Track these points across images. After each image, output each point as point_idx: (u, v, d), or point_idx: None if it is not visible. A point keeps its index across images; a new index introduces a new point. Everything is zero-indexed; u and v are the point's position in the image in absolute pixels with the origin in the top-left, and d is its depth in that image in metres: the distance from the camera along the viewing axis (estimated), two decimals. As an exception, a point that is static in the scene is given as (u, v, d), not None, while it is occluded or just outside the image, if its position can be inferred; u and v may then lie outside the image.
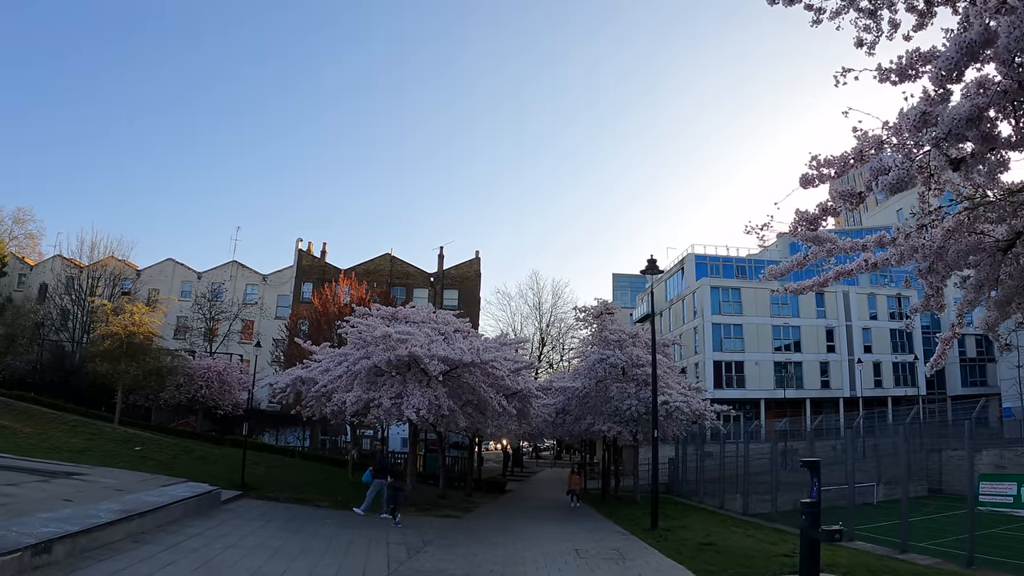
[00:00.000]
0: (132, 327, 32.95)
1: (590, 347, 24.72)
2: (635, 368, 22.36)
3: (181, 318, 51.01)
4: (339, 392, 16.80)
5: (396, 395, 15.97)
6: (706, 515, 22.61)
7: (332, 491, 21.49)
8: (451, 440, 45.82)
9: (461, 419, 16.89)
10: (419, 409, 15.25)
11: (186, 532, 11.47)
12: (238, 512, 14.69)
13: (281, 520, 14.22)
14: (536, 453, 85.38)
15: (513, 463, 54.44)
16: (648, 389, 22.11)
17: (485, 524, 16.44)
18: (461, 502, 22.69)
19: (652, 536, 14.28)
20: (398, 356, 15.60)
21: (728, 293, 56.09)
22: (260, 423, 45.89)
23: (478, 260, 54.12)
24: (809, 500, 9.25)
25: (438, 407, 15.72)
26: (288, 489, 19.81)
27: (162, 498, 12.91)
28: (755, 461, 28.09)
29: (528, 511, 21.38)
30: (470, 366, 16.71)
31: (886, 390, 57.36)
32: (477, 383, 17.23)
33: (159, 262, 54.15)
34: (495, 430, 20.04)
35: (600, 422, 22.81)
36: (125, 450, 24.23)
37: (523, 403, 19.02)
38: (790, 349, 56.27)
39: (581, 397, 23.65)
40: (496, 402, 17.06)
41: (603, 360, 22.25)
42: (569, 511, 21.39)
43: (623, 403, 22.04)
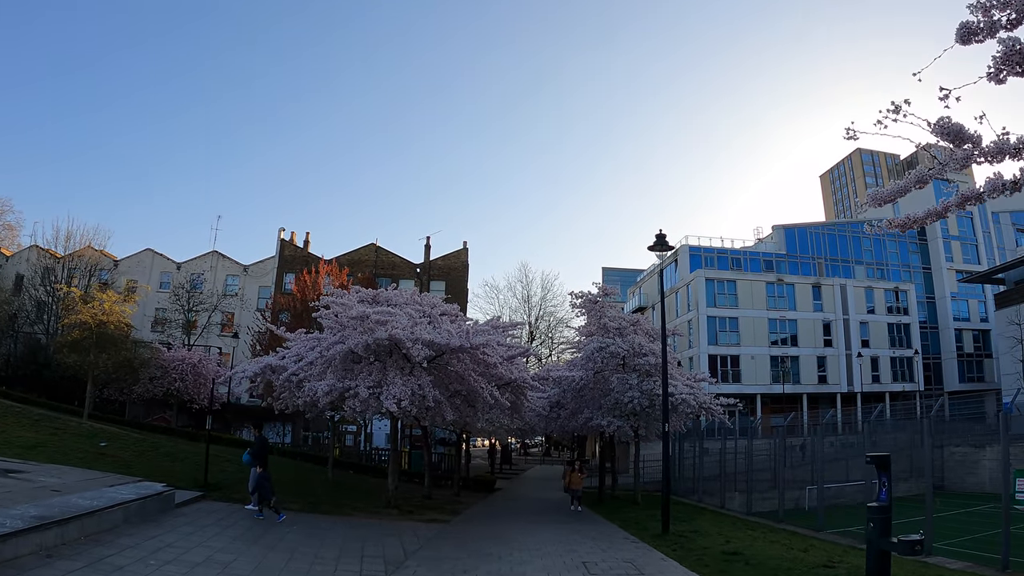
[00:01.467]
0: (102, 316, 31.25)
1: (586, 337, 22.82)
2: (637, 358, 20.59)
3: (160, 310, 49.29)
4: (311, 381, 14.86)
5: (375, 384, 14.07)
6: (713, 516, 21.06)
7: (306, 492, 19.65)
8: (437, 436, 44.09)
9: (448, 412, 15.07)
10: (400, 400, 13.41)
11: (119, 543, 9.62)
12: (192, 517, 12.81)
13: (241, 527, 12.35)
14: (525, 450, 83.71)
15: (502, 460, 52.68)
16: (651, 380, 20.42)
17: (476, 530, 14.63)
18: (448, 503, 20.91)
19: (666, 544, 12.54)
20: (377, 340, 13.70)
21: (723, 285, 54.59)
22: (238, 418, 44.15)
23: (466, 251, 52.33)
24: (878, 503, 7.59)
25: (422, 398, 13.85)
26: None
27: (98, 501, 11.01)
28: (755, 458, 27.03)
29: (522, 513, 19.56)
30: (458, 352, 14.86)
31: (884, 385, 56.20)
32: (466, 371, 15.40)
33: (137, 252, 52.59)
34: (486, 425, 18.16)
35: (599, 416, 21.01)
36: (88, 445, 22.40)
37: (516, 395, 17.17)
38: (786, 343, 54.91)
39: (578, 389, 21.85)
40: (487, 393, 15.18)
41: (602, 349, 20.44)
42: (567, 514, 19.59)
43: (624, 395, 20.25)
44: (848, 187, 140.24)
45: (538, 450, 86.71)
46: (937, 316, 63.75)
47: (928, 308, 63.59)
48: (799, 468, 31.42)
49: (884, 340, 57.26)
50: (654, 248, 15.78)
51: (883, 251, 64.96)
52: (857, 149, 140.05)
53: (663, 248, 15.69)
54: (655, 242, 15.80)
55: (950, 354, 62.67)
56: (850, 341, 56.10)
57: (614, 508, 21.49)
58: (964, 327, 63.77)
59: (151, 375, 35.39)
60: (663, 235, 15.84)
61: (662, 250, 15.75)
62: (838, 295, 56.70)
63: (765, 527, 18.05)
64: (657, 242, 15.75)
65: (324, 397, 14.16)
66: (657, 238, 15.81)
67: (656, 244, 15.74)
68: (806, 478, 26.15)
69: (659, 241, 15.72)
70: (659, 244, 15.71)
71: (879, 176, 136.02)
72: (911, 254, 66.10)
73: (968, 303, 64.93)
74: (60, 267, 44.93)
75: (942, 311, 63.67)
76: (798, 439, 37.64)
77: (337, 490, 21.81)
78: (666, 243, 15.73)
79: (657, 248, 15.72)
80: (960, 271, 63.84)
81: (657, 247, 15.71)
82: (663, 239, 15.76)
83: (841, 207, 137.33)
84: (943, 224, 65.49)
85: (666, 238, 15.80)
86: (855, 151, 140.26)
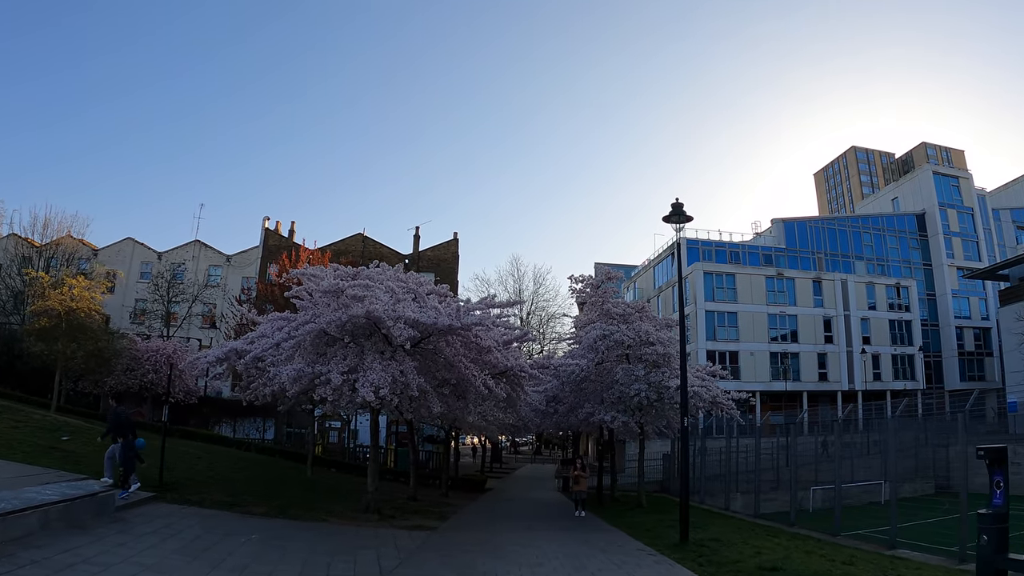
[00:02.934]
0: (71, 303, 29.33)
1: (584, 326, 20.85)
2: (644, 347, 18.70)
3: (140, 301, 47.53)
4: (277, 366, 12.85)
5: (349, 370, 12.10)
6: (723, 520, 19.32)
7: (278, 492, 17.71)
8: (425, 433, 42.14)
9: (435, 403, 13.00)
10: (379, 388, 11.46)
11: (20, 559, 7.67)
12: (132, 524, 10.85)
13: (187, 536, 10.39)
14: (515, 448, 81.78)
15: (492, 458, 50.76)
16: (659, 372, 18.57)
17: (466, 539, 12.67)
18: (435, 505, 18.97)
19: (689, 557, 10.65)
20: (352, 317, 11.73)
21: (722, 279, 52.88)
22: (217, 413, 42.11)
23: (456, 242, 50.51)
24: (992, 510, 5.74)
25: (404, 386, 11.86)
26: (220, 490, 15.97)
27: (8, 503, 9.06)
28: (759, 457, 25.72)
29: (517, 518, 17.55)
30: (447, 333, 12.90)
31: (885, 383, 54.74)
32: (456, 357, 13.45)
33: (117, 241, 51.12)
34: (477, 420, 16.13)
35: (601, 411, 19.07)
36: (47, 439, 20.43)
37: (513, 386, 15.19)
38: (787, 339, 53.29)
39: (578, 382, 19.92)
40: (480, 382, 13.25)
41: (606, 337, 18.54)
42: (567, 519, 17.69)
43: (629, 388, 18.36)
44: (842, 185, 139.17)
45: (528, 448, 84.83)
46: (938, 313, 62.44)
47: (929, 305, 62.24)
48: (802, 468, 30.48)
49: (885, 337, 55.82)
50: (670, 219, 13.93)
51: (883, 246, 63.53)
52: (852, 147, 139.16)
53: (680, 219, 13.83)
54: (671, 212, 13.95)
55: (951, 352, 61.41)
56: (851, 338, 54.59)
57: (618, 512, 19.64)
58: (965, 325, 62.51)
59: (124, 366, 33.43)
60: (680, 204, 14.00)
61: (679, 221, 13.88)
62: (839, 290, 55.15)
63: (784, 533, 16.39)
64: (673, 212, 13.90)
65: (292, 384, 12.18)
66: (673, 207, 13.97)
67: (672, 214, 13.90)
68: (810, 478, 25.02)
69: (675, 211, 13.88)
70: (675, 214, 13.87)
71: (874, 174, 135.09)
72: (911, 250, 64.74)
73: (969, 300, 63.71)
74: (38, 256, 43.15)
75: (943, 308, 62.35)
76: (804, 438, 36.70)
77: (313, 491, 19.88)
78: (683, 213, 13.88)
79: (674, 219, 13.87)
80: (961, 268, 62.57)
81: (673, 218, 13.86)
82: (680, 208, 13.91)
83: (835, 205, 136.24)
84: (944, 220, 64.38)
85: (683, 207, 13.95)
86: (849, 149, 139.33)
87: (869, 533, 15.28)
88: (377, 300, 11.91)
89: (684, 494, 12.80)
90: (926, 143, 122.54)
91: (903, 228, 65.06)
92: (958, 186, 67.15)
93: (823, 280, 55.32)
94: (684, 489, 12.86)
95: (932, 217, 64.27)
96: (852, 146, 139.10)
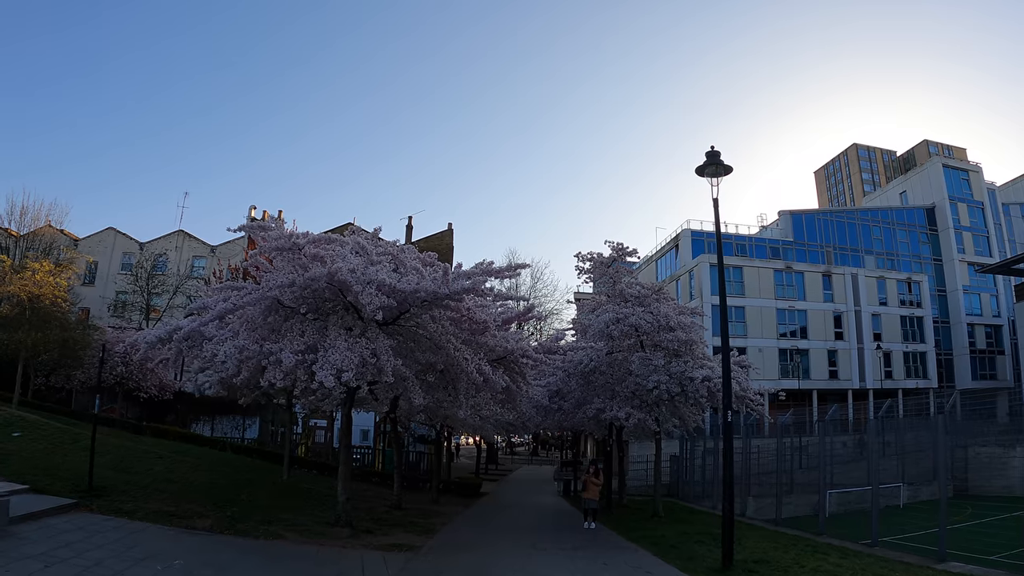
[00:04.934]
0: (35, 289, 26.99)
1: (594, 310, 18.28)
2: (663, 332, 16.15)
3: (121, 293, 45.33)
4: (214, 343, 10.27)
5: (307, 348, 9.66)
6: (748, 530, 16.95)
7: (239, 499, 15.16)
8: (417, 432, 39.57)
9: (416, 393, 10.58)
10: (343, 371, 9.08)
11: None
12: (21, 540, 8.35)
13: (82, 561, 7.89)
14: (511, 449, 79.21)
15: (488, 460, 48.18)
16: (681, 361, 16.05)
17: (455, 565, 10.05)
18: (422, 515, 16.38)
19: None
20: (311, 281, 9.19)
21: (729, 272, 50.36)
22: (195, 410, 39.48)
23: (450, 232, 48.07)
24: None
25: (377, 370, 9.37)
26: (165, 497, 13.43)
27: None
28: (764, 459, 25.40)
29: (518, 531, 14.83)
30: (433, 304, 10.39)
31: (897, 381, 52.41)
32: (444, 336, 10.91)
33: (99, 231, 49.15)
34: (471, 414, 13.39)
35: (614, 407, 16.51)
36: (-6, 435, 18.04)
37: (513, 375, 12.57)
38: (796, 335, 50.87)
39: (585, 374, 17.37)
40: (473, 367, 10.85)
41: (620, 321, 16.00)
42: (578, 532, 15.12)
43: (647, 380, 15.81)
44: (844, 183, 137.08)
45: (525, 449, 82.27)
46: (948, 310, 60.21)
47: (939, 302, 59.97)
48: (814, 470, 29.04)
49: (897, 333, 53.56)
50: (705, 169, 11.47)
51: (893, 240, 61.24)
52: (853, 144, 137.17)
53: (718, 169, 11.35)
54: (706, 161, 11.48)
55: (962, 350, 59.18)
56: (862, 334, 52.28)
57: (631, 522, 17.10)
58: (976, 322, 60.30)
59: (93, 358, 30.98)
60: (716, 152, 11.53)
61: (716, 173, 11.40)
62: (849, 285, 52.82)
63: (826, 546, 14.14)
64: (708, 161, 11.44)
65: (233, 365, 9.64)
66: (709, 155, 11.51)
67: (708, 164, 11.43)
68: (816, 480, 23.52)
69: (711, 159, 11.41)
70: (711, 163, 11.40)
71: (875, 172, 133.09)
72: (921, 244, 62.47)
73: (980, 297, 61.51)
74: (15, 246, 40.81)
75: (954, 305, 60.14)
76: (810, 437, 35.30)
77: (283, 497, 17.32)
78: (721, 162, 11.41)
79: (708, 170, 11.40)
80: (972, 263, 60.37)
81: (709, 168, 11.39)
82: (716, 157, 11.45)
83: (836, 203, 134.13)
84: (954, 213, 62.19)
85: (720, 155, 11.49)
86: (851, 146, 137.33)
87: (904, 542, 14.19)
88: (345, 263, 9.38)
89: (728, 507, 10.22)
90: (928, 141, 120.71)
91: (912, 222, 62.83)
92: (968, 180, 64.99)
93: (833, 274, 52.97)
94: (728, 500, 10.26)
95: (942, 211, 62.08)
96: (854, 143, 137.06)
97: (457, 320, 11.06)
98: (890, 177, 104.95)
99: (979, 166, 68.13)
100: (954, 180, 64.26)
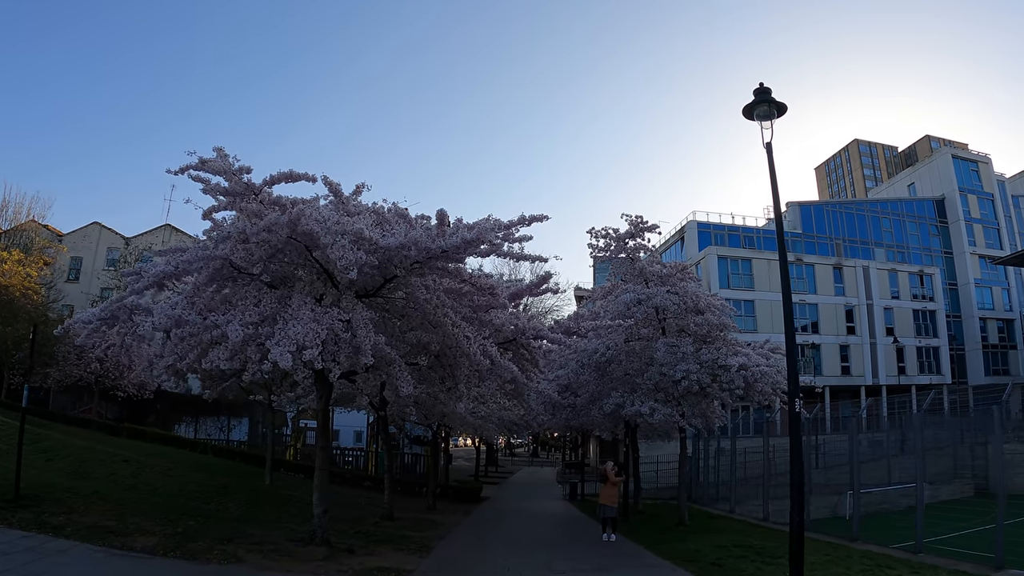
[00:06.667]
0: (2, 279, 25.37)
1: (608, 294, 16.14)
2: (691, 315, 14.08)
3: (107, 290, 43.66)
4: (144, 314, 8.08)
5: (262, 320, 7.58)
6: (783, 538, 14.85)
7: (200, 509, 13.09)
8: (413, 433, 37.48)
9: (403, 379, 8.38)
10: (304, 347, 7.05)
11: None
12: None
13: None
14: (511, 450, 77.12)
15: (487, 462, 46.11)
16: (714, 348, 13.97)
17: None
18: (416, 525, 14.23)
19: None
20: (268, 232, 7.19)
21: (737, 265, 48.48)
22: (177, 410, 37.37)
23: (445, 219, 45.88)
24: None
25: (353, 349, 7.30)
26: (108, 508, 11.35)
27: None
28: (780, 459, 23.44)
29: (526, 546, 12.37)
30: (425, 267, 8.25)
31: (910, 377, 50.48)
32: (440, 310, 8.72)
33: (83, 226, 47.79)
34: (471, 408, 11.06)
35: (635, 401, 14.37)
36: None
37: (524, 362, 10.42)
38: (807, 330, 48.89)
39: (601, 365, 15.24)
40: (477, 349, 8.77)
41: (642, 301, 13.92)
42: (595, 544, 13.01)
43: (674, 369, 13.71)
44: (845, 179, 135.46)
45: (524, 450, 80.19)
46: (960, 304, 58.37)
47: (951, 295, 58.12)
48: (831, 470, 27.70)
49: (910, 328, 51.66)
50: (754, 109, 9.43)
51: (903, 233, 59.40)
52: (855, 140, 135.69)
53: (770, 108, 9.32)
54: (755, 99, 9.45)
55: (975, 345, 57.36)
56: (874, 329, 50.39)
57: (653, 530, 15.00)
58: (988, 316, 58.48)
59: (66, 355, 29.07)
60: (766, 88, 9.52)
61: (768, 115, 9.36)
62: (860, 278, 50.91)
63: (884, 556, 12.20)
64: (759, 98, 9.41)
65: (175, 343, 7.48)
66: (757, 93, 9.49)
67: (758, 102, 9.40)
68: (843, 480, 22.12)
69: (761, 95, 9.39)
70: (761, 99, 9.37)
71: (877, 168, 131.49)
72: (932, 237, 60.66)
73: (992, 291, 59.72)
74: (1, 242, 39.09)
75: (965, 298, 58.33)
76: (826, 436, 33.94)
77: (259, 505, 15.23)
78: (772, 99, 9.38)
79: (761, 108, 9.35)
80: (983, 256, 58.60)
81: (761, 107, 9.35)
82: (767, 93, 9.43)
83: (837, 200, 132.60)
84: (964, 205, 60.40)
85: (771, 92, 9.47)
86: (852, 142, 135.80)
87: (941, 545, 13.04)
88: (314, 213, 7.26)
89: (798, 520, 8.07)
90: (930, 136, 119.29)
91: (922, 214, 61.02)
92: (977, 171, 63.23)
93: (844, 267, 51.05)
94: (798, 512, 8.09)
95: (952, 203, 60.27)
96: (855, 139, 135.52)
97: (457, 292, 8.93)
98: (892, 173, 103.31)
99: (988, 157, 66.35)
100: (964, 171, 62.53)
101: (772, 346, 15.92)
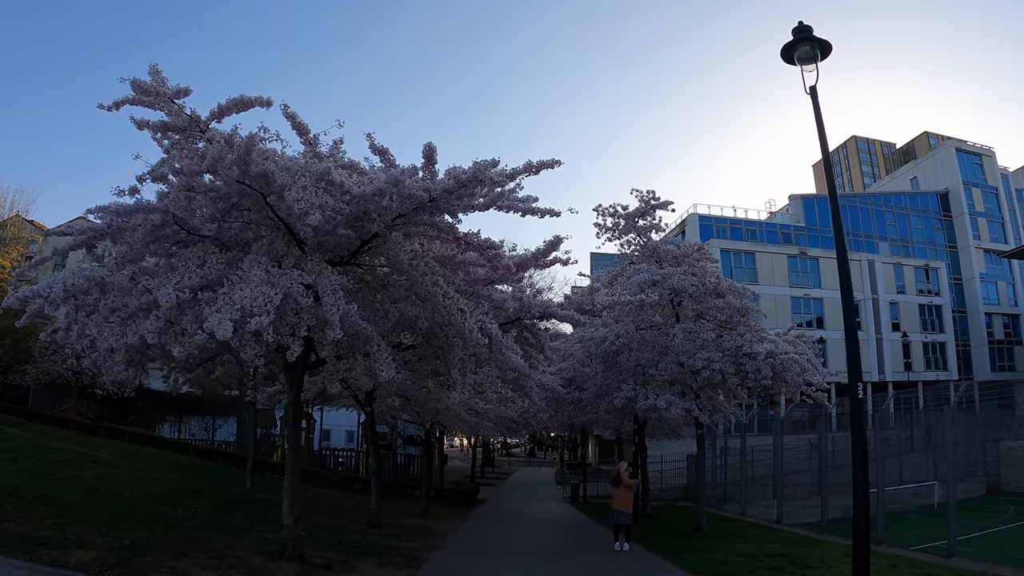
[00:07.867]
0: None
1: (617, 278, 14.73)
2: (711, 298, 12.70)
3: None
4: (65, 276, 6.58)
5: (204, 284, 6.17)
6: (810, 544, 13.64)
7: (164, 516, 11.66)
8: (406, 433, 36.02)
9: (384, 362, 6.89)
10: (251, 314, 5.55)
11: None
12: None
13: None
14: (507, 450, 75.72)
15: (484, 462, 44.68)
16: (736, 335, 12.58)
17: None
18: (405, 534, 12.77)
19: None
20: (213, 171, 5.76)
21: (740, 258, 47.23)
22: (160, 409, 35.87)
23: (443, 216, 44.41)
24: None
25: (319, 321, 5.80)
26: (48, 514, 9.92)
27: None
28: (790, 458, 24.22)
29: (530, 556, 10.74)
30: (409, 221, 6.80)
31: (916, 373, 49.29)
32: (428, 277, 7.16)
33: (71, 220, 45.80)
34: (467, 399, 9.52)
35: (650, 394, 12.91)
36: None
37: (527, 346, 8.99)
38: (812, 325, 47.60)
39: (610, 355, 13.74)
40: (474, 323, 7.24)
41: (657, 284, 12.50)
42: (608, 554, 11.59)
43: (693, 359, 12.29)
44: (844, 175, 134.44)
45: (521, 450, 78.78)
46: (965, 299, 57.21)
47: (956, 290, 56.99)
48: (838, 470, 26.72)
49: (915, 323, 50.56)
50: (792, 49, 8.06)
51: (908, 226, 58.27)
52: (853, 136, 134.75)
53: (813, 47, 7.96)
54: (795, 38, 8.09)
55: (980, 340, 56.21)
56: (880, 324, 49.27)
57: (667, 538, 13.57)
58: (993, 311, 57.39)
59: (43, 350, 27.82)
60: (807, 27, 8.16)
61: (811, 57, 7.99)
62: (866, 272, 49.75)
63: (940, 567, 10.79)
64: (799, 37, 8.04)
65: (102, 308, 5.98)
66: (797, 32, 8.12)
67: (798, 40, 8.03)
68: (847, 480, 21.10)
69: (800, 35, 8.02)
70: (803, 39, 8.00)
71: (875, 164, 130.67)
72: (936, 231, 59.54)
73: (997, 285, 58.60)
74: (-14, 238, 37.72)
75: (970, 293, 57.20)
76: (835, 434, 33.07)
77: (233, 511, 13.77)
78: (815, 37, 8.01)
79: (803, 49, 7.99)
80: (988, 250, 57.49)
81: (803, 46, 7.98)
82: (808, 32, 8.07)
83: (841, 192, 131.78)
84: (969, 199, 59.27)
85: (812, 30, 8.11)
86: (850, 138, 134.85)
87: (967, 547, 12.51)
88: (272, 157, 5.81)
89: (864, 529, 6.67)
90: (928, 132, 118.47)
91: (926, 207, 59.88)
92: (981, 164, 62.16)
93: (849, 260, 49.81)
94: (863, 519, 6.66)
95: (956, 196, 59.16)
96: (853, 135, 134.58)
97: (450, 261, 7.42)
98: (890, 169, 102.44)
99: (992, 150, 65.24)
100: (968, 165, 61.45)
101: (797, 333, 14.48)
